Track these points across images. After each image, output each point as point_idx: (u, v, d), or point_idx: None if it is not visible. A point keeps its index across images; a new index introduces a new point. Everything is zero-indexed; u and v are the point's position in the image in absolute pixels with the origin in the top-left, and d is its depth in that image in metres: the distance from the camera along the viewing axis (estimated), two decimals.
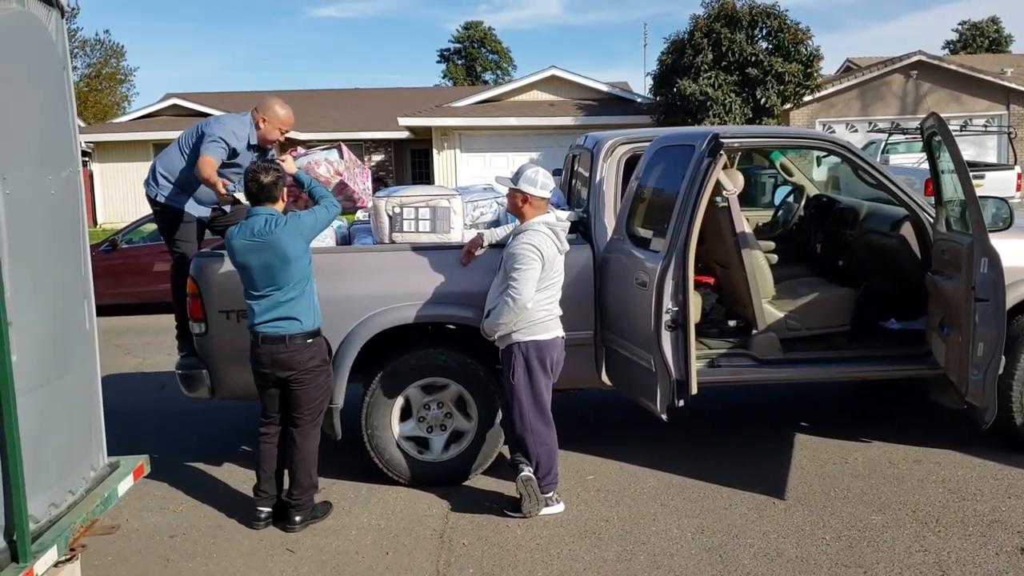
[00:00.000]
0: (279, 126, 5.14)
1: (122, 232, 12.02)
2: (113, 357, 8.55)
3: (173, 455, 5.60)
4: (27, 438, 2.92)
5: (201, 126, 5.11)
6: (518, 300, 4.30)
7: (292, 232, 4.24)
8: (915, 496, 4.63)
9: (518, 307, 4.32)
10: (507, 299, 4.33)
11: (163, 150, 5.35)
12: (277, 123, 5.13)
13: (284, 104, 5.18)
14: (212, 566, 4.13)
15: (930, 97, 23.06)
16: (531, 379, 4.47)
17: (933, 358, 5.06)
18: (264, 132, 5.12)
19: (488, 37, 58.88)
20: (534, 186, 4.43)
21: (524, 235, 4.39)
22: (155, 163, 5.25)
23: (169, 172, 5.15)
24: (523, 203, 4.45)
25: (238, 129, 5.04)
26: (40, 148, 3.25)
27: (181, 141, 5.18)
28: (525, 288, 4.30)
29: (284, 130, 5.18)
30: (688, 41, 21.81)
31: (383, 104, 30.36)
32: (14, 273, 2.93)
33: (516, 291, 4.31)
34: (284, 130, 5.18)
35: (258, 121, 5.10)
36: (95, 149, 26.08)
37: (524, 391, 4.47)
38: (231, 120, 5.09)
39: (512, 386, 4.48)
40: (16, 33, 3.09)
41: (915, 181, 11.95)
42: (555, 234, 4.46)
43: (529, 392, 4.47)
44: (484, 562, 4.07)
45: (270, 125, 5.11)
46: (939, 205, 5.12)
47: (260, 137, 5.12)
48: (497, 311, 4.40)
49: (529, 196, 4.44)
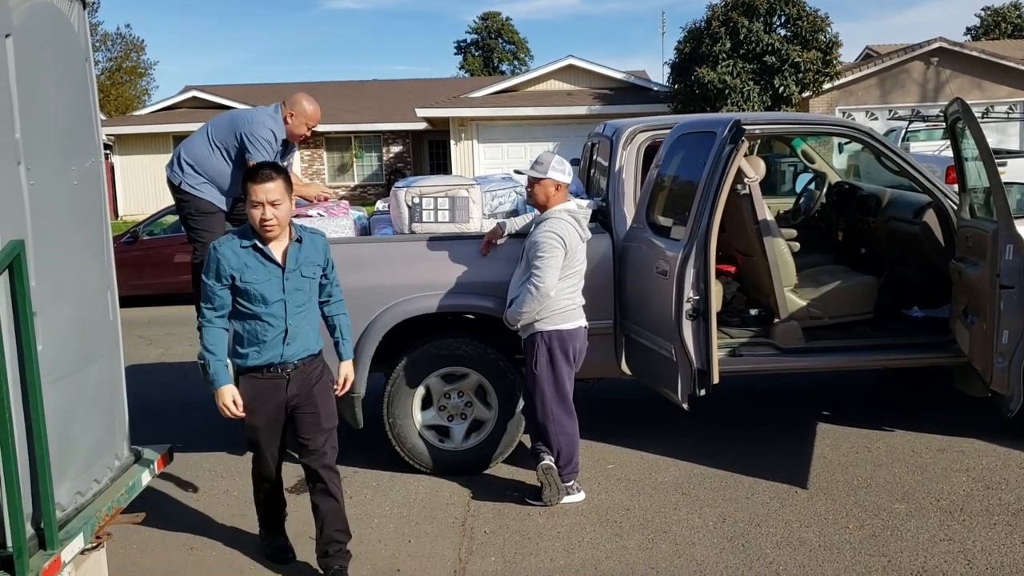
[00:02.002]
0: (306, 122, 5.14)
1: (143, 224, 12.10)
2: (136, 347, 8.62)
3: (195, 445, 5.64)
4: (53, 427, 2.95)
5: (237, 126, 5.04)
6: (541, 288, 4.29)
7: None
8: (939, 485, 4.59)
9: (541, 295, 4.30)
10: (530, 287, 4.32)
11: (188, 137, 5.33)
12: (304, 119, 5.12)
13: (312, 100, 5.17)
14: (236, 554, 4.15)
15: (951, 84, 22.81)
16: (553, 368, 4.45)
17: (957, 346, 5.02)
18: (291, 127, 5.12)
19: (505, 28, 58.70)
20: (562, 173, 4.43)
21: (546, 223, 4.37)
22: (180, 150, 5.21)
23: (195, 161, 5.13)
24: (555, 190, 4.44)
25: (276, 129, 5.04)
26: (63, 139, 3.27)
27: (212, 134, 5.13)
28: (548, 276, 4.29)
29: (310, 126, 5.18)
30: (706, 29, 21.67)
31: (401, 96, 30.38)
32: (39, 264, 2.96)
33: (539, 279, 4.29)
34: (310, 126, 5.18)
35: (286, 116, 5.10)
36: (116, 142, 26.28)
37: (546, 380, 4.46)
38: (268, 119, 5.06)
39: (534, 375, 4.47)
40: (40, 26, 3.11)
41: (936, 168, 11.81)
42: (577, 222, 4.45)
43: (551, 381, 4.46)
44: (506, 550, 4.07)
45: (298, 120, 5.11)
46: (963, 191, 5.06)
47: (288, 132, 5.13)
48: (520, 299, 4.38)
49: (560, 184, 4.43)
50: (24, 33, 2.94)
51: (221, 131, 5.12)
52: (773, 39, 20.93)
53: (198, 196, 5.16)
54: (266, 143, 4.96)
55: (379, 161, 29.07)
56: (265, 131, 4.98)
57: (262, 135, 4.96)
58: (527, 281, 4.35)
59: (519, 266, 4.56)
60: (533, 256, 4.34)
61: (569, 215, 4.43)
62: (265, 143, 4.96)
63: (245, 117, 5.10)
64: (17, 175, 2.89)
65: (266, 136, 4.97)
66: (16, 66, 2.89)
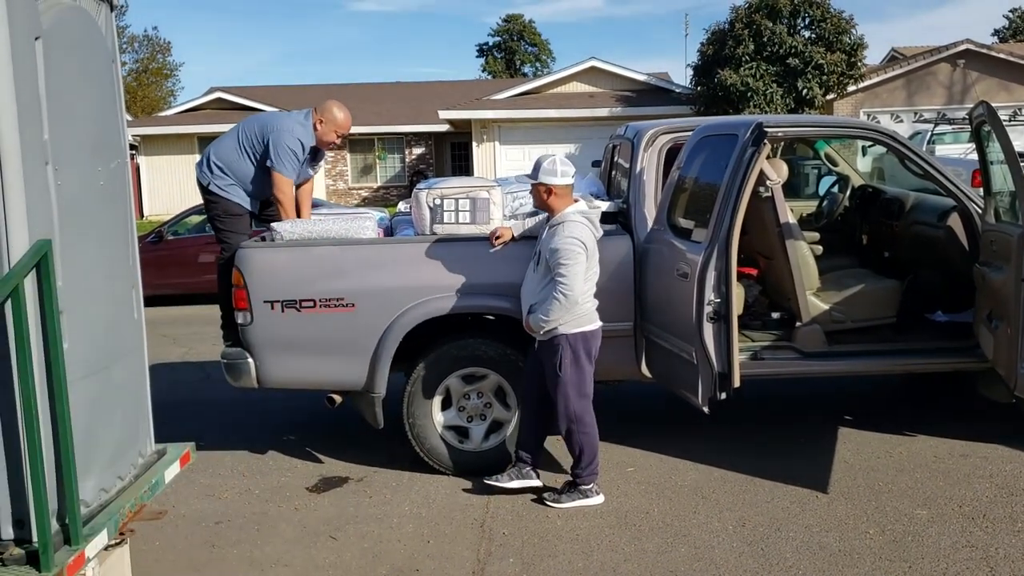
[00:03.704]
0: (336, 129, 5.17)
1: (168, 224, 12.21)
2: (160, 346, 8.70)
3: (218, 443, 5.69)
4: (78, 424, 2.99)
5: (266, 131, 5.08)
6: (569, 296, 4.25)
7: None
8: (961, 491, 4.55)
9: (569, 303, 4.27)
10: (557, 296, 4.25)
11: (218, 138, 5.35)
12: (334, 126, 5.15)
13: (343, 107, 5.19)
14: (257, 552, 4.19)
15: (978, 86, 22.56)
16: (578, 370, 4.44)
17: (981, 351, 4.97)
18: (321, 134, 5.15)
19: (528, 30, 58.74)
20: (555, 176, 4.37)
21: (564, 228, 4.33)
22: (209, 151, 5.25)
23: (224, 164, 5.17)
24: (548, 196, 4.39)
25: (304, 137, 5.07)
26: (90, 141, 3.31)
27: (241, 137, 5.17)
28: (575, 283, 4.26)
29: (340, 134, 5.20)
30: (729, 32, 21.60)
31: (423, 98, 30.48)
32: (65, 263, 2.99)
33: (567, 287, 4.24)
34: (340, 134, 5.20)
35: (316, 123, 5.12)
36: (141, 142, 26.55)
37: (572, 382, 4.44)
38: (296, 127, 5.09)
39: (558, 377, 4.45)
40: (68, 29, 3.15)
41: (962, 172, 11.69)
42: (591, 223, 4.44)
43: (576, 383, 4.45)
44: (524, 552, 4.08)
45: (327, 127, 5.14)
46: (988, 195, 5.02)
47: (317, 139, 5.16)
48: (546, 308, 4.31)
49: (553, 187, 4.38)
50: (53, 36, 2.98)
51: (250, 134, 5.15)
52: (797, 41, 20.83)
53: (225, 197, 5.20)
54: (291, 152, 5.00)
55: (402, 163, 29.19)
56: (292, 140, 5.01)
57: (288, 144, 4.99)
58: (553, 289, 4.29)
59: (533, 270, 4.52)
60: (556, 263, 4.28)
61: (583, 216, 4.40)
62: (290, 152, 4.99)
63: (274, 123, 5.12)
64: (45, 176, 2.93)
65: (291, 145, 5.01)
66: (45, 69, 2.93)
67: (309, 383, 5.02)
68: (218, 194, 5.20)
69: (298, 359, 4.88)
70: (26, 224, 2.81)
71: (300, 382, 5.02)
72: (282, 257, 4.85)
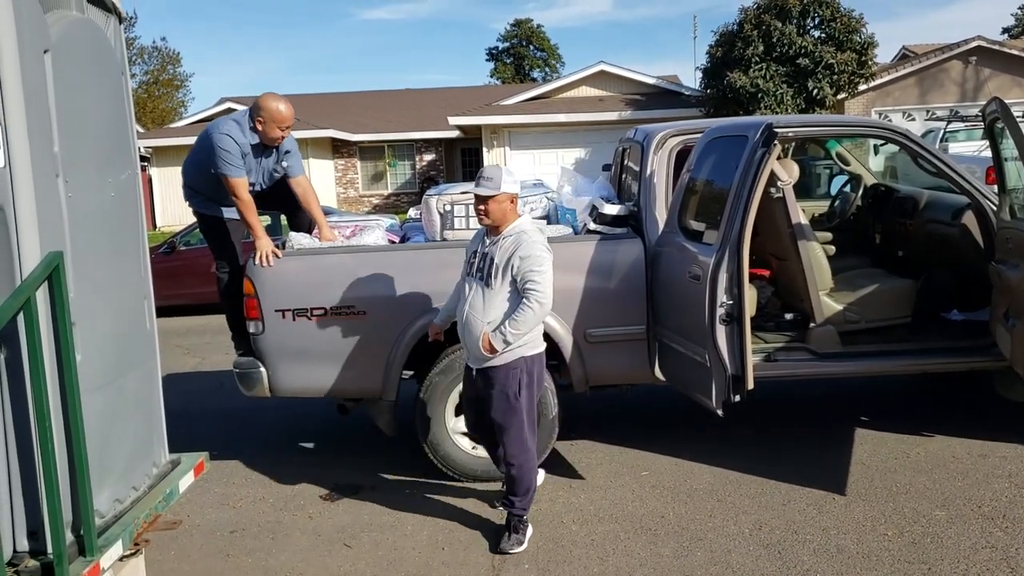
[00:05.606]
0: (276, 123, 4.96)
1: (180, 234, 12.25)
2: (173, 357, 8.73)
3: (232, 452, 5.70)
4: (92, 435, 2.99)
5: (205, 139, 4.98)
6: (544, 304, 3.98)
7: None
8: (980, 491, 4.51)
9: (543, 312, 4.00)
10: (531, 305, 3.95)
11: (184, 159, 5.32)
12: (274, 121, 4.95)
13: (278, 98, 4.98)
14: (271, 561, 4.19)
15: (990, 83, 22.43)
16: (531, 396, 4.19)
17: (998, 350, 4.92)
18: (264, 132, 4.98)
19: (536, 35, 58.78)
20: (514, 184, 4.08)
21: (527, 235, 4.03)
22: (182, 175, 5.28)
23: (191, 183, 5.17)
24: (512, 204, 4.10)
25: (236, 134, 4.92)
26: (101, 152, 3.32)
27: (195, 152, 5.11)
28: (549, 290, 4.00)
29: (283, 127, 4.99)
30: (738, 33, 21.55)
31: (433, 104, 30.56)
32: (77, 275, 3.00)
33: (542, 295, 3.96)
34: (283, 127, 4.99)
35: (256, 125, 4.96)
36: (153, 154, 26.68)
37: (526, 410, 4.17)
38: (232, 127, 4.94)
39: (513, 406, 4.12)
40: (77, 41, 3.16)
41: (976, 169, 11.63)
42: (543, 232, 4.26)
43: (529, 410, 4.20)
44: (539, 558, 4.06)
45: (268, 125, 4.95)
46: (1002, 192, 4.98)
47: (262, 139, 5.00)
48: (521, 320, 3.97)
49: (514, 196, 4.09)
50: (62, 48, 3.00)
51: (198, 147, 5.10)
52: (806, 41, 20.76)
53: (204, 213, 5.22)
54: (225, 152, 4.86)
55: (412, 169, 29.25)
56: (222, 139, 4.87)
57: (220, 144, 4.87)
58: (526, 299, 3.98)
59: (479, 287, 4.12)
60: (528, 270, 3.97)
61: (538, 229, 4.18)
62: (224, 152, 4.86)
63: (210, 129, 5.00)
64: (56, 188, 2.94)
65: (223, 145, 4.86)
66: (55, 81, 2.94)
67: (321, 391, 5.02)
68: (199, 211, 5.24)
69: (310, 367, 4.89)
70: (38, 236, 2.82)
71: (312, 390, 5.02)
72: (292, 266, 4.86)
